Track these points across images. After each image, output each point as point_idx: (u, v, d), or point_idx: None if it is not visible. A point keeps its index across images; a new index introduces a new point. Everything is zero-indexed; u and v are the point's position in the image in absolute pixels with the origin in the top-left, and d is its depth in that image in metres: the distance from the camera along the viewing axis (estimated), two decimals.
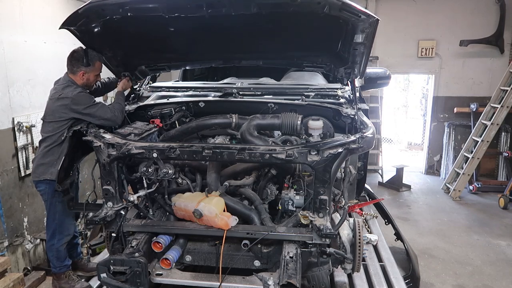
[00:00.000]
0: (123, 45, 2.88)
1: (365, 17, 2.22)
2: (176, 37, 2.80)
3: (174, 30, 2.63)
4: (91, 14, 2.42)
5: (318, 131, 2.78)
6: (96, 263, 2.44)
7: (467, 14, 7.03)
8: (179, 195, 2.66)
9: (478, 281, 3.99)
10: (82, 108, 2.78)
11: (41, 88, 4.43)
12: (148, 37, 2.82)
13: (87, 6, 2.35)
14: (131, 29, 2.63)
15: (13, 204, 4.02)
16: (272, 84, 3.59)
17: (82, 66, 2.90)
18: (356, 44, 2.48)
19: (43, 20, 4.44)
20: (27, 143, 4.16)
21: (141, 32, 2.71)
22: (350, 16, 2.24)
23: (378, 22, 2.27)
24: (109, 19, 2.45)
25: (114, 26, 2.55)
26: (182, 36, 2.79)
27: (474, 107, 7.03)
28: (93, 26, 2.53)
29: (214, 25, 2.53)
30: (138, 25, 2.58)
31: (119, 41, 2.82)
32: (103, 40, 2.71)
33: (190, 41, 2.90)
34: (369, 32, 2.34)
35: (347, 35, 2.49)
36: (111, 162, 2.48)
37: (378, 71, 4.37)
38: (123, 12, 2.38)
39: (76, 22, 2.46)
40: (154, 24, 2.59)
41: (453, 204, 6.29)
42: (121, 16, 2.41)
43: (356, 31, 2.39)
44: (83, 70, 2.92)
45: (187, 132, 3.03)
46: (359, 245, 2.55)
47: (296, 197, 2.56)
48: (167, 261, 2.48)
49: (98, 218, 2.48)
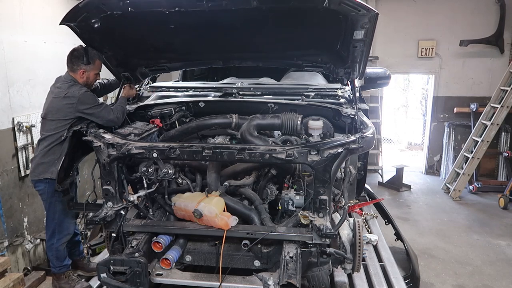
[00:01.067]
0: (123, 44, 2.88)
1: (365, 11, 2.22)
2: (176, 35, 2.80)
3: (174, 27, 2.63)
4: (91, 9, 2.42)
5: (318, 131, 2.78)
6: (96, 263, 2.44)
7: (467, 14, 7.02)
8: (179, 195, 2.66)
9: (478, 281, 3.99)
10: (87, 108, 2.79)
11: (41, 88, 4.42)
12: (148, 35, 2.82)
13: (88, 0, 2.36)
14: (131, 26, 2.63)
15: (13, 204, 4.02)
16: (272, 84, 3.59)
17: (82, 64, 2.90)
18: (356, 41, 2.48)
19: (43, 20, 4.44)
20: (27, 143, 4.16)
21: (141, 30, 2.71)
22: (350, 10, 2.24)
23: (377, 17, 2.27)
24: (110, 15, 2.45)
25: (114, 23, 2.54)
26: (182, 34, 2.79)
27: (474, 107, 7.03)
28: (93, 22, 2.53)
29: (213, 21, 2.53)
30: (138, 22, 2.58)
31: (119, 39, 2.82)
32: (103, 38, 2.71)
33: (190, 39, 2.90)
34: (368, 28, 2.34)
35: (346, 32, 2.49)
36: (111, 162, 2.48)
37: (378, 71, 4.37)
38: (123, 7, 2.37)
39: (76, 18, 2.45)
40: (154, 21, 2.58)
41: (453, 204, 6.28)
42: (121, 12, 2.41)
43: (355, 27, 2.38)
44: (83, 69, 2.91)
45: (187, 132, 3.03)
46: (359, 245, 2.55)
47: (296, 197, 2.56)
48: (167, 261, 2.48)
49: (98, 218, 2.48)
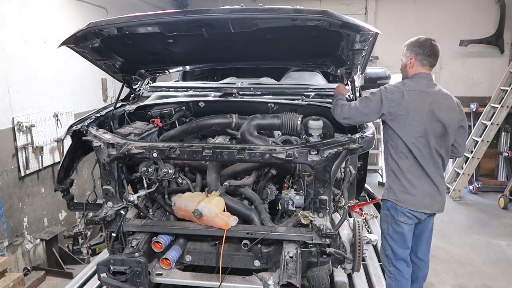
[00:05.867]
0: (123, 55, 2.88)
1: (365, 31, 2.22)
2: (175, 47, 2.80)
3: (173, 41, 2.63)
4: (89, 35, 2.43)
5: (318, 131, 2.78)
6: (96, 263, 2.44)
7: (467, 14, 7.03)
8: (179, 195, 2.66)
9: (478, 281, 3.99)
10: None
11: (41, 88, 4.43)
12: (147, 49, 2.83)
13: (86, 30, 2.34)
14: (129, 42, 2.62)
15: (13, 204, 4.02)
16: (272, 84, 3.59)
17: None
18: (356, 50, 2.48)
19: (43, 20, 4.44)
20: (27, 143, 4.16)
21: (139, 45, 2.71)
22: (351, 32, 2.24)
23: (377, 35, 2.25)
24: (107, 37, 2.45)
25: (113, 41, 2.55)
26: (181, 47, 2.80)
27: (474, 107, 7.03)
28: (92, 43, 2.54)
29: (213, 40, 2.53)
30: (136, 39, 2.58)
31: (118, 53, 2.83)
32: (102, 54, 2.72)
33: (189, 51, 2.91)
34: (369, 42, 2.34)
35: (347, 44, 2.50)
36: (111, 162, 2.48)
37: (378, 71, 4.37)
38: (121, 32, 2.38)
39: (74, 41, 2.46)
40: (152, 39, 2.59)
41: (453, 204, 6.29)
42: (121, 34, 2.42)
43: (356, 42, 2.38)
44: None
45: (187, 132, 3.03)
46: (359, 245, 2.56)
47: (296, 197, 2.56)
48: (167, 261, 2.48)
49: (98, 218, 2.47)
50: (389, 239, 2.63)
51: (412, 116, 2.44)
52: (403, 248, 2.61)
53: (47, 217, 4.51)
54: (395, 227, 2.58)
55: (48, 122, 4.51)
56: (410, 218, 2.55)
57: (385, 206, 2.65)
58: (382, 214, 2.70)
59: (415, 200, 2.51)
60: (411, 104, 2.45)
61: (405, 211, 2.53)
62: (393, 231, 2.60)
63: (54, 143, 4.57)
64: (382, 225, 2.68)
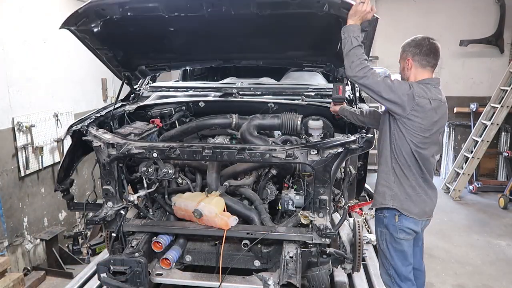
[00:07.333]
0: (123, 45, 2.88)
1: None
2: (176, 37, 2.80)
3: (174, 30, 2.63)
4: (91, 14, 2.42)
5: (318, 131, 2.78)
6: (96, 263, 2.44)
7: (467, 14, 7.02)
8: (179, 195, 2.66)
9: (478, 281, 3.99)
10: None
11: (41, 88, 4.43)
12: (148, 37, 2.82)
13: (87, 6, 2.35)
14: (131, 29, 2.63)
15: (13, 204, 4.02)
16: (272, 84, 3.59)
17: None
18: None
19: (43, 20, 4.44)
20: (27, 143, 4.16)
21: (141, 32, 2.71)
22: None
23: (377, 21, 2.27)
24: (109, 19, 2.45)
25: (114, 26, 2.55)
26: (182, 36, 2.80)
27: (474, 107, 7.03)
28: (93, 26, 2.53)
29: (213, 25, 2.54)
30: (137, 25, 2.58)
31: (119, 41, 2.82)
32: (103, 41, 2.71)
33: (190, 41, 2.90)
34: (368, 31, 2.35)
35: None
36: (111, 162, 2.48)
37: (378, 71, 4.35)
38: (123, 12, 2.38)
39: (76, 22, 2.46)
40: (154, 24, 2.59)
41: (453, 204, 6.28)
42: (121, 16, 2.42)
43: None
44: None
45: (187, 132, 3.03)
46: (359, 245, 2.56)
47: (296, 197, 2.57)
48: (167, 261, 2.48)
49: (98, 218, 2.48)
50: (390, 259, 2.40)
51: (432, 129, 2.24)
52: (405, 265, 2.40)
53: (47, 217, 4.51)
54: (395, 245, 2.37)
55: (48, 122, 4.51)
56: (409, 234, 2.36)
57: (381, 222, 2.41)
58: (378, 232, 2.44)
59: (419, 209, 2.32)
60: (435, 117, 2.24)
61: (404, 227, 2.32)
62: (393, 249, 2.38)
63: (54, 143, 4.57)
64: (380, 244, 2.44)
